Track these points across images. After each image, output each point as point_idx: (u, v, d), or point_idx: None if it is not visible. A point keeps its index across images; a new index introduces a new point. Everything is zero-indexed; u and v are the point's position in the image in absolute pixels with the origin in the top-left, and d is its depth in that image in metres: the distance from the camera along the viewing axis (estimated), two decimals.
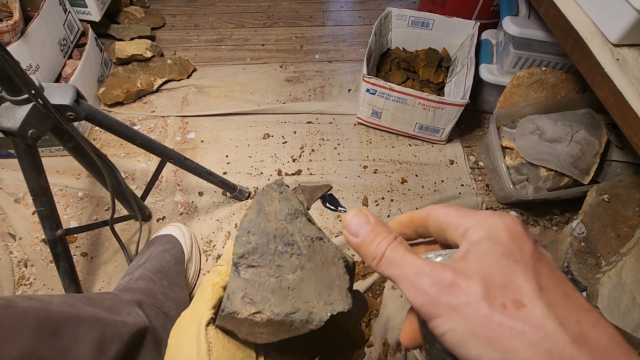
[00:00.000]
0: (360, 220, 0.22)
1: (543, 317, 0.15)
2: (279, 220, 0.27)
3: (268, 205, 0.28)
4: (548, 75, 0.88)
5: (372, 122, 0.99)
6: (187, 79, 1.12)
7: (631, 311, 0.63)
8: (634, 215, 0.74)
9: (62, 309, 0.40)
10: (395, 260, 0.19)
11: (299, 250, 0.26)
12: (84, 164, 0.62)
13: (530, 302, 0.16)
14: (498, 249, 0.17)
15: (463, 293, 0.16)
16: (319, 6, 1.40)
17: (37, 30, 0.84)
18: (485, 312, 0.16)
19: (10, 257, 0.78)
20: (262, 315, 0.23)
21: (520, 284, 0.16)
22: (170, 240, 0.73)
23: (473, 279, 0.17)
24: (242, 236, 0.26)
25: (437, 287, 0.17)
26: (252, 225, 0.26)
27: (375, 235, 0.21)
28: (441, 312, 0.17)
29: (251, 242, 0.25)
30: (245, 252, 0.25)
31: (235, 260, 0.25)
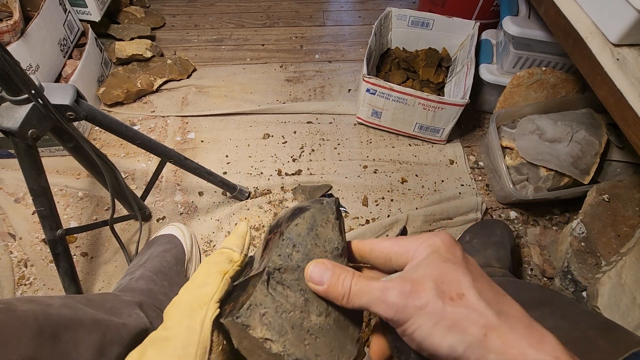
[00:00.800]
0: (320, 269, 0.24)
1: (477, 302, 0.21)
2: (325, 251, 0.26)
3: (321, 226, 0.27)
4: (548, 75, 0.88)
5: (372, 122, 0.99)
6: (187, 79, 1.12)
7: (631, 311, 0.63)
8: (634, 215, 0.74)
9: (62, 312, 0.40)
10: (361, 290, 0.23)
11: None
12: (84, 164, 0.62)
13: (467, 291, 0.21)
14: (439, 258, 0.23)
15: (422, 295, 0.21)
16: (319, 6, 1.40)
17: (37, 30, 0.84)
18: (440, 306, 0.21)
19: (10, 257, 0.78)
20: (273, 345, 0.22)
21: (459, 279, 0.22)
22: (171, 240, 0.73)
23: (427, 282, 0.22)
24: (286, 247, 0.25)
25: (402, 296, 0.21)
26: (300, 241, 0.25)
27: (337, 277, 0.24)
28: (410, 315, 0.21)
29: (293, 260, 0.25)
30: (284, 266, 0.24)
31: (270, 270, 0.24)
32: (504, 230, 0.73)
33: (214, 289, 0.25)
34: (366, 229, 0.82)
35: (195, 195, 0.88)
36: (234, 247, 0.27)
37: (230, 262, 0.26)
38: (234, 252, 0.27)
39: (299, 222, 0.26)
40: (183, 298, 0.25)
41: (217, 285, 0.25)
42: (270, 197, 0.88)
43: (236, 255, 0.27)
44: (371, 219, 0.85)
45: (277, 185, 0.90)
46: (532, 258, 0.81)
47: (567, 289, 0.73)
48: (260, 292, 0.23)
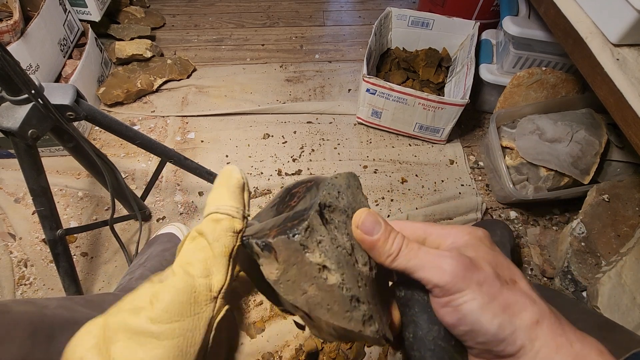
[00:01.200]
0: (372, 219, 0.23)
1: (529, 291, 0.22)
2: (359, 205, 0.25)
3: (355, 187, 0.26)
4: (548, 75, 0.88)
5: (372, 122, 0.99)
6: (187, 79, 1.12)
7: (631, 311, 0.63)
8: (634, 215, 0.74)
9: (58, 313, 0.40)
10: (412, 253, 0.22)
11: None
12: (84, 164, 0.62)
13: (519, 280, 0.22)
14: (485, 246, 0.23)
15: (482, 272, 0.21)
16: (319, 6, 1.40)
17: (37, 30, 0.84)
18: (498, 287, 0.21)
19: (10, 257, 0.78)
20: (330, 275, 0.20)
21: (510, 267, 0.23)
22: (171, 239, 0.73)
23: (483, 262, 0.22)
24: (332, 190, 0.23)
25: (462, 266, 0.21)
26: (343, 190, 0.24)
27: (388, 234, 0.22)
28: (466, 286, 0.21)
29: (340, 203, 0.23)
30: (333, 204, 0.23)
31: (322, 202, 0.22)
32: (504, 230, 0.73)
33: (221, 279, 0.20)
34: None
35: (195, 195, 0.88)
36: (232, 212, 0.21)
37: (233, 235, 0.20)
38: (235, 218, 0.21)
39: (338, 177, 0.25)
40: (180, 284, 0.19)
41: (224, 273, 0.20)
42: (270, 197, 0.88)
43: (237, 223, 0.21)
44: None
45: (277, 185, 0.90)
46: (532, 258, 0.81)
47: (567, 289, 0.73)
48: (316, 220, 0.21)
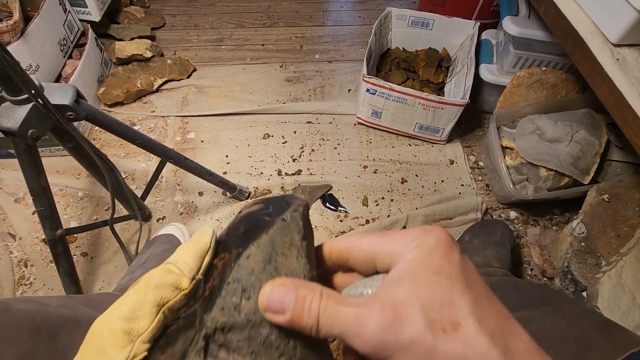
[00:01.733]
0: (279, 292, 0.19)
1: (477, 335, 0.17)
2: None
3: (283, 254, 0.20)
4: (548, 75, 0.88)
5: (372, 122, 0.99)
6: (187, 79, 1.12)
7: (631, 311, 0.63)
8: (634, 215, 0.74)
9: (59, 312, 0.40)
10: (332, 318, 0.18)
11: (294, 352, 0.19)
12: (84, 164, 0.62)
13: (464, 319, 0.17)
14: (431, 268, 0.18)
15: (407, 327, 0.17)
16: (319, 6, 1.40)
17: (37, 30, 0.84)
18: (430, 343, 0.17)
19: (10, 257, 0.78)
20: None
21: (455, 301, 0.18)
22: (170, 239, 0.73)
23: (413, 307, 0.17)
24: (232, 294, 0.18)
25: (382, 328, 0.17)
26: (253, 281, 0.19)
27: (302, 302, 0.19)
28: (391, 352, 0.17)
29: (241, 313, 0.18)
30: (228, 324, 0.18)
31: (209, 332, 0.18)
32: (504, 230, 0.73)
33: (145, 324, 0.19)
34: (366, 229, 0.82)
35: (195, 195, 0.88)
36: (184, 269, 0.20)
37: (175, 290, 0.20)
38: (184, 276, 0.20)
39: (252, 253, 0.19)
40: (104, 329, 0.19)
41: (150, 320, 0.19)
42: None
43: (185, 282, 0.20)
44: (371, 219, 0.85)
45: (277, 185, 0.90)
46: (532, 258, 0.81)
47: (567, 289, 0.73)
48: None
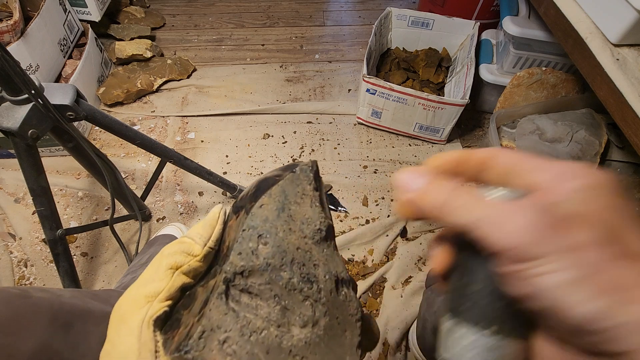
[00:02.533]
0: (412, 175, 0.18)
1: None
2: (303, 237, 0.20)
3: (296, 203, 0.20)
4: (548, 75, 0.88)
5: (372, 122, 0.99)
6: (187, 79, 1.12)
7: None
8: None
9: (73, 302, 0.40)
10: (469, 203, 0.16)
11: (318, 295, 0.19)
12: (84, 164, 0.62)
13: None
14: (603, 199, 0.16)
15: (580, 233, 0.14)
16: (319, 6, 1.40)
17: (37, 30, 0.84)
18: (607, 258, 0.14)
19: (10, 257, 0.78)
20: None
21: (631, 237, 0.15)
22: (171, 240, 0.73)
23: (591, 220, 0.15)
24: (248, 239, 0.19)
25: (542, 223, 0.15)
26: (268, 227, 0.19)
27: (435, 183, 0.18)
28: (548, 251, 0.14)
29: (259, 257, 0.18)
30: (247, 268, 0.18)
31: (229, 276, 0.18)
32: None
33: (161, 285, 0.19)
34: (366, 229, 0.82)
35: (195, 195, 0.88)
36: (195, 237, 0.21)
37: (188, 256, 0.20)
38: (195, 243, 0.21)
39: (265, 202, 0.20)
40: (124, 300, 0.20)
41: (165, 282, 0.19)
42: None
43: (197, 248, 0.20)
44: (371, 219, 0.85)
45: None
46: None
47: None
48: (217, 310, 0.17)
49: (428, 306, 0.64)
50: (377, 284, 0.76)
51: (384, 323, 0.71)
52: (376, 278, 0.76)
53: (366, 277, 0.77)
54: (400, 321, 0.71)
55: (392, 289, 0.75)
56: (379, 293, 0.75)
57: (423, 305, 0.67)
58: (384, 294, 0.75)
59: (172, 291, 0.19)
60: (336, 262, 0.21)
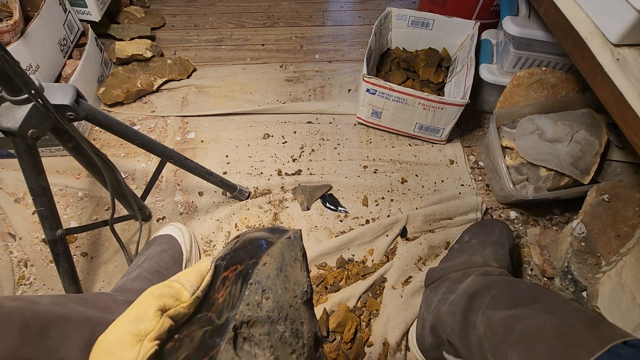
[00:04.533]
0: None
1: None
2: (294, 296, 0.22)
3: (290, 265, 0.23)
4: (548, 75, 0.88)
5: (372, 122, 0.99)
6: (187, 79, 1.12)
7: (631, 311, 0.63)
8: (634, 215, 0.74)
9: (49, 309, 0.40)
10: None
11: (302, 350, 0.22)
12: (84, 164, 0.62)
13: None
14: None
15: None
16: (319, 6, 1.40)
17: (37, 30, 0.84)
18: None
19: (10, 257, 0.78)
20: None
21: None
22: (169, 240, 0.73)
23: None
24: (254, 292, 0.21)
25: None
26: (270, 285, 0.22)
27: None
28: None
29: (263, 309, 0.21)
30: (253, 318, 0.20)
31: (238, 324, 0.20)
32: (503, 230, 0.73)
33: (151, 325, 0.20)
34: (366, 229, 0.82)
35: (195, 195, 0.88)
36: (185, 284, 0.22)
37: (176, 301, 0.21)
38: (185, 289, 0.22)
39: (267, 262, 0.22)
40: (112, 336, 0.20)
41: (155, 322, 0.20)
42: (270, 197, 0.88)
43: (185, 295, 0.22)
44: (371, 219, 0.85)
45: (277, 185, 0.90)
46: (532, 258, 0.81)
47: (567, 289, 0.73)
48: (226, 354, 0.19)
49: (427, 305, 0.65)
50: (377, 284, 0.76)
51: (384, 323, 0.71)
52: (376, 278, 0.76)
53: (366, 277, 0.77)
54: (400, 321, 0.71)
55: (392, 289, 0.75)
56: (379, 293, 0.76)
57: (422, 305, 0.67)
58: (384, 294, 0.75)
59: (161, 332, 0.20)
60: (315, 322, 0.24)
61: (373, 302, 0.74)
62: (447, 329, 0.55)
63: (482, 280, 0.55)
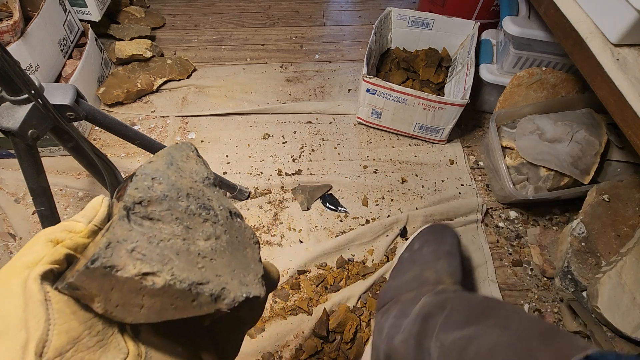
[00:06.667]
0: None
1: None
2: (194, 181, 0.22)
3: (182, 161, 0.22)
4: (548, 75, 0.88)
5: (372, 122, 0.99)
6: (187, 79, 1.12)
7: (631, 311, 0.63)
8: (634, 215, 0.74)
9: None
10: None
11: (216, 218, 0.21)
12: (84, 164, 0.62)
13: None
14: None
15: None
16: (319, 6, 1.40)
17: (37, 30, 0.84)
18: None
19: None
20: (156, 278, 0.17)
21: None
22: None
23: None
24: (143, 180, 0.20)
25: None
26: (160, 174, 0.20)
27: None
28: None
29: (157, 191, 0.20)
30: (145, 198, 0.19)
31: (129, 205, 0.19)
32: (453, 237, 0.69)
33: (40, 254, 0.18)
34: (366, 229, 0.82)
35: None
36: (77, 217, 0.20)
37: (69, 233, 0.20)
38: (77, 223, 0.20)
39: (154, 160, 0.21)
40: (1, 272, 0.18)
41: (45, 252, 0.18)
42: (270, 197, 0.88)
43: (79, 226, 0.20)
44: (371, 219, 0.85)
45: (277, 185, 0.90)
46: (532, 258, 0.81)
47: (567, 289, 0.73)
48: (121, 228, 0.18)
49: (379, 333, 0.59)
50: (377, 284, 0.76)
51: None
52: (376, 278, 0.76)
53: (366, 277, 0.77)
54: None
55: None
56: (379, 293, 0.75)
57: (375, 332, 0.62)
58: None
59: (56, 258, 0.18)
60: (228, 201, 0.23)
61: (373, 302, 0.74)
62: (401, 358, 0.51)
63: (435, 300, 0.52)
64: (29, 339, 0.15)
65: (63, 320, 0.17)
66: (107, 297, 0.17)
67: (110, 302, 0.17)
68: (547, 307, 0.76)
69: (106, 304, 0.17)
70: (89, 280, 0.17)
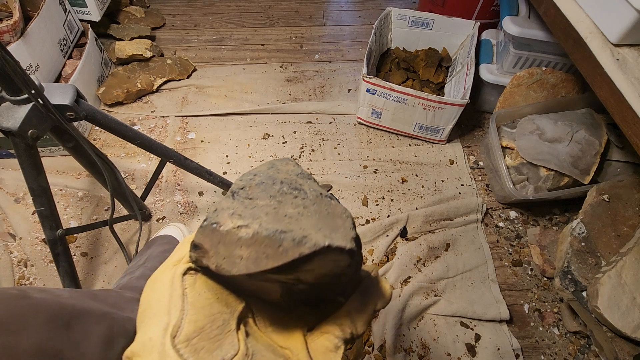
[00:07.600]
0: None
1: None
2: (289, 174, 0.25)
3: (282, 165, 0.26)
4: (548, 75, 0.88)
5: (372, 122, 0.99)
6: (187, 79, 1.12)
7: (631, 311, 0.63)
8: (634, 215, 0.74)
9: (71, 302, 0.40)
10: None
11: (305, 195, 0.24)
12: (84, 164, 0.62)
13: None
14: None
15: None
16: (319, 6, 1.40)
17: (37, 30, 0.84)
18: None
19: (10, 257, 0.78)
20: (247, 230, 0.20)
21: None
22: (170, 241, 0.73)
23: None
24: (247, 175, 0.24)
25: None
26: (260, 171, 0.25)
27: None
28: None
29: (255, 180, 0.24)
30: (247, 185, 0.24)
31: (234, 189, 0.23)
32: None
33: (184, 251, 0.23)
34: (366, 229, 0.82)
35: (195, 195, 0.88)
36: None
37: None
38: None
39: (257, 167, 0.26)
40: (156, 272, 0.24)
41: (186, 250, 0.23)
42: None
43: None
44: (371, 219, 0.85)
45: None
46: (532, 258, 0.81)
47: (567, 289, 0.73)
48: (226, 201, 0.22)
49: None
50: None
51: (382, 323, 0.71)
52: None
53: None
54: (397, 321, 0.71)
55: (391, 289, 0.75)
56: None
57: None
58: None
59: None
60: (319, 187, 0.25)
61: None
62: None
63: None
64: (169, 322, 0.20)
65: (193, 312, 0.21)
66: (217, 250, 0.21)
67: (219, 255, 0.21)
68: (547, 307, 0.76)
69: (216, 258, 0.21)
70: (202, 236, 0.21)
